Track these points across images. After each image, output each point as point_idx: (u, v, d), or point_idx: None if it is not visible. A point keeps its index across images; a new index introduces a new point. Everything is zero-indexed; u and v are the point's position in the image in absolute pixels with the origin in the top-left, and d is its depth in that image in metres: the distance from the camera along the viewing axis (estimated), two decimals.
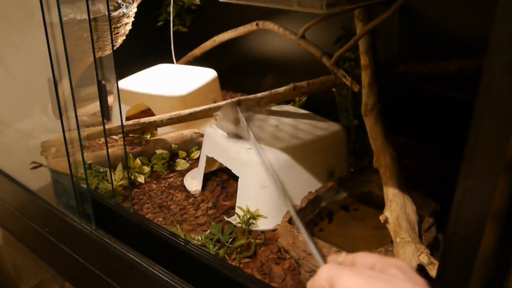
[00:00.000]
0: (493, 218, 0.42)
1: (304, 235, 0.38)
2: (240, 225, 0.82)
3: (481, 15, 0.85)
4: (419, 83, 0.93)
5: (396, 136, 1.09)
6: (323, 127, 0.92)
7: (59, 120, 0.77)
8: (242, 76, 1.43)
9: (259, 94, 1.04)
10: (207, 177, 0.97)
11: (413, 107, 1.06)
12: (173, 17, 1.37)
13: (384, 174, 0.72)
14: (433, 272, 0.57)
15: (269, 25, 1.08)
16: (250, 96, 1.05)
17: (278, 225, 0.80)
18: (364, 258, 0.32)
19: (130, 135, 1.13)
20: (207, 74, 1.27)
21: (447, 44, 0.96)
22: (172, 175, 1.02)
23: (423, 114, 1.06)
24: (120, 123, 1.02)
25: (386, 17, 0.76)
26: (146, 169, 1.01)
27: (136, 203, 0.93)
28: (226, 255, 0.76)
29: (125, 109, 1.19)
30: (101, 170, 0.96)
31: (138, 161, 1.00)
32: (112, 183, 0.87)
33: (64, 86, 0.78)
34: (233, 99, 1.05)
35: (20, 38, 0.99)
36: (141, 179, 0.98)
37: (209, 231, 0.82)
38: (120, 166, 0.97)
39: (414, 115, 1.07)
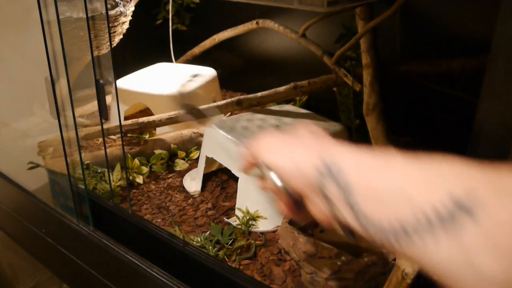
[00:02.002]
0: None
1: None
2: (240, 226, 0.81)
3: (484, 14, 0.84)
4: (421, 82, 0.92)
5: (398, 136, 1.08)
6: (324, 127, 0.91)
7: (57, 120, 0.77)
8: (242, 75, 1.42)
9: (259, 94, 1.03)
10: (207, 178, 0.96)
11: (415, 106, 1.05)
12: (172, 16, 1.36)
13: None
14: None
15: (269, 23, 1.07)
16: (250, 95, 1.04)
17: (278, 226, 0.80)
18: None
19: (129, 135, 1.12)
20: (207, 73, 1.26)
21: (449, 43, 0.95)
22: (171, 175, 1.01)
23: (425, 113, 1.05)
24: (118, 123, 1.01)
25: (388, 15, 0.75)
26: (145, 169, 1.00)
27: (135, 204, 0.92)
28: (225, 257, 0.75)
29: (123, 108, 1.18)
30: (99, 171, 0.95)
31: (136, 161, 0.99)
32: (110, 184, 0.86)
33: (62, 85, 0.77)
34: (232, 99, 1.05)
35: (16, 36, 0.98)
36: (139, 179, 0.97)
37: (208, 232, 0.81)
38: (118, 167, 0.96)
39: (417, 114, 1.06)
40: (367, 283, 0.64)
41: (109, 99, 1.20)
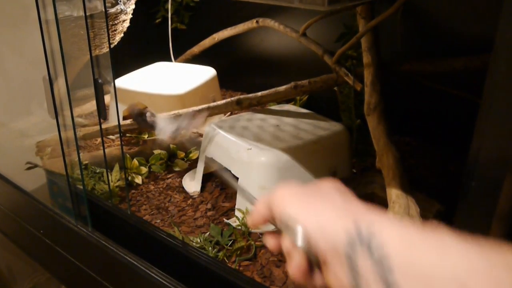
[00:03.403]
0: (498, 219, 0.41)
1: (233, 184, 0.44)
2: (239, 227, 0.81)
3: (486, 12, 0.84)
4: (423, 82, 0.92)
5: (399, 136, 1.07)
6: (325, 127, 0.91)
7: (55, 120, 0.76)
8: (242, 75, 1.41)
9: (259, 93, 1.02)
10: (206, 178, 0.96)
11: (417, 106, 1.04)
12: (171, 14, 1.35)
13: (387, 174, 0.70)
14: None
15: (269, 22, 1.06)
16: (250, 95, 1.03)
17: None
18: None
19: (127, 135, 1.11)
20: (206, 73, 1.26)
21: (451, 42, 0.95)
22: (170, 176, 1.01)
23: (427, 113, 1.04)
24: (117, 123, 1.01)
25: (389, 14, 0.74)
26: (144, 169, 0.99)
27: (134, 204, 0.91)
28: (225, 258, 0.75)
29: (122, 108, 1.18)
30: (98, 171, 0.95)
31: (135, 161, 0.99)
32: (109, 184, 0.85)
33: (60, 85, 0.77)
34: (232, 98, 1.04)
35: (15, 35, 0.97)
36: (138, 180, 0.96)
37: (208, 233, 0.80)
38: (117, 167, 0.95)
39: (418, 114, 1.05)
40: None
41: (107, 98, 1.19)
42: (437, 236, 0.22)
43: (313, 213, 0.27)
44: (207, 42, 1.31)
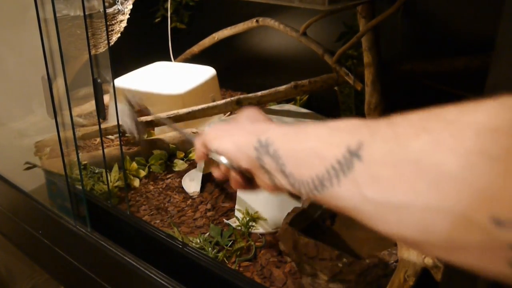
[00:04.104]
0: None
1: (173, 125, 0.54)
2: (239, 227, 0.80)
3: (488, 12, 0.83)
4: (424, 81, 0.91)
5: None
6: None
7: (53, 120, 0.76)
8: (242, 74, 1.41)
9: (259, 93, 1.02)
10: (206, 178, 0.95)
11: (418, 105, 1.04)
12: (171, 14, 1.35)
13: None
14: (438, 275, 0.56)
15: (269, 21, 1.06)
16: (250, 94, 1.03)
17: (279, 227, 0.79)
18: None
19: (127, 134, 1.11)
20: (206, 72, 1.25)
21: (452, 41, 0.94)
22: (169, 176, 1.00)
23: None
24: (116, 123, 1.00)
25: (389, 13, 0.74)
26: (142, 173, 0.99)
27: (133, 204, 0.91)
28: (225, 258, 0.75)
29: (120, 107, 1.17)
30: (97, 171, 0.94)
31: (134, 164, 0.98)
32: (108, 184, 0.85)
33: (59, 84, 0.76)
34: (232, 98, 1.03)
35: (13, 35, 0.97)
36: (136, 183, 0.96)
37: (207, 233, 0.80)
38: (116, 167, 0.95)
39: None
40: (368, 285, 0.63)
41: (106, 98, 1.19)
42: (303, 125, 0.31)
43: (230, 140, 0.37)
44: (207, 42, 1.31)
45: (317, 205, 0.78)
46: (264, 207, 0.81)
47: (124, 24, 1.06)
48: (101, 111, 0.79)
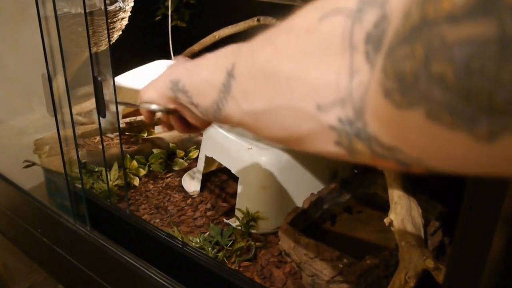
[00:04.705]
0: (503, 222, 0.40)
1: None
2: (239, 227, 0.80)
3: None
4: None
5: None
6: None
7: (53, 117, 0.76)
8: None
9: None
10: (206, 178, 0.95)
11: None
12: (171, 12, 1.34)
13: (389, 175, 0.70)
14: (439, 277, 0.56)
15: (270, 20, 1.05)
16: None
17: (279, 227, 0.78)
18: None
19: (126, 133, 1.10)
20: None
21: None
22: (169, 175, 1.00)
23: None
24: (116, 121, 1.00)
25: None
26: (142, 171, 0.98)
27: (132, 203, 0.90)
28: (225, 258, 0.74)
29: (121, 106, 1.17)
30: (96, 170, 0.94)
31: (134, 162, 0.98)
32: (107, 183, 0.84)
33: (59, 82, 0.76)
34: None
35: (13, 32, 0.96)
36: (136, 182, 0.95)
37: (207, 233, 0.80)
38: (115, 166, 0.94)
39: None
40: (369, 286, 0.63)
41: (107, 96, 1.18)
42: (201, 58, 0.36)
43: (153, 88, 0.44)
44: (207, 40, 1.30)
45: (317, 206, 0.77)
46: (264, 207, 0.81)
47: (125, 21, 1.06)
48: (101, 109, 0.79)
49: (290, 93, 0.24)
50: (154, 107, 0.44)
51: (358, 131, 0.21)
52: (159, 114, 0.47)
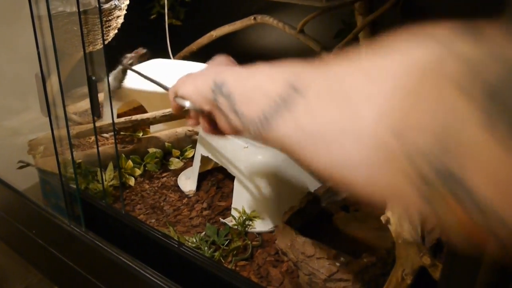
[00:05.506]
0: None
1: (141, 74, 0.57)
2: (236, 226, 0.80)
3: (488, 8, 0.83)
4: None
5: None
6: None
7: (47, 118, 0.75)
8: None
9: None
10: (202, 177, 0.94)
11: None
12: (167, 10, 1.34)
13: None
14: (435, 274, 0.56)
15: (267, 19, 1.05)
16: None
17: (276, 226, 0.78)
18: None
19: (122, 133, 1.10)
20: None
21: None
22: (165, 174, 0.99)
23: None
24: (111, 121, 0.99)
25: (386, 9, 0.73)
26: (138, 171, 0.98)
27: (128, 203, 0.90)
28: (221, 258, 0.74)
29: (116, 106, 1.16)
30: (91, 170, 0.93)
31: (130, 162, 0.97)
32: (102, 183, 0.84)
33: (53, 82, 0.75)
34: None
35: (6, 31, 0.95)
36: (131, 182, 0.95)
37: (204, 233, 0.79)
38: (111, 166, 0.93)
39: None
40: (366, 284, 0.63)
41: (101, 96, 1.18)
42: (253, 67, 0.33)
43: (192, 84, 0.40)
44: (205, 39, 1.30)
45: (314, 205, 0.77)
46: (261, 206, 0.80)
47: (121, 20, 1.05)
48: (95, 109, 0.79)
49: (371, 119, 0.22)
50: (187, 104, 0.41)
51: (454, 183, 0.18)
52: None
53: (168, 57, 1.39)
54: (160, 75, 1.26)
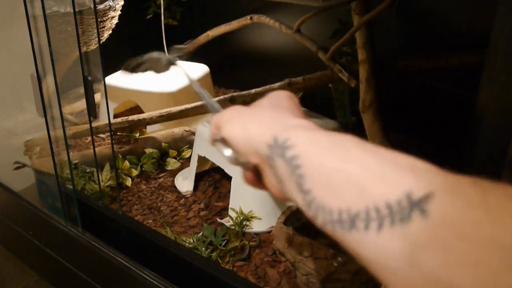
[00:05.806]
0: None
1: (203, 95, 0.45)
2: (233, 227, 0.79)
3: (483, 7, 0.83)
4: (419, 79, 0.91)
5: (395, 134, 1.06)
6: (319, 125, 0.89)
7: (43, 118, 0.75)
8: (235, 72, 1.40)
9: (252, 90, 1.01)
10: (199, 177, 0.94)
11: (413, 103, 1.04)
12: (163, 10, 1.33)
13: None
14: None
15: (263, 18, 1.05)
16: (244, 92, 1.02)
17: (273, 226, 0.78)
18: None
19: (118, 133, 1.09)
20: (199, 70, 1.24)
21: (447, 38, 0.94)
22: (162, 175, 0.99)
23: (423, 110, 1.03)
24: (107, 121, 0.99)
25: (382, 8, 0.73)
26: (135, 172, 0.97)
27: (125, 204, 0.89)
28: (219, 258, 0.74)
29: (112, 106, 1.16)
30: (88, 170, 0.93)
31: (126, 163, 0.97)
32: (99, 184, 0.83)
33: (49, 82, 0.75)
34: (225, 95, 1.02)
35: (1, 31, 0.95)
36: (128, 182, 0.94)
37: (201, 233, 0.79)
38: (107, 166, 0.93)
39: (414, 111, 1.05)
40: (364, 284, 0.63)
41: (98, 96, 1.17)
42: (342, 138, 0.25)
43: (241, 127, 0.31)
44: (201, 39, 1.29)
45: None
46: (258, 206, 0.80)
47: (115, 20, 1.05)
48: (91, 110, 0.78)
49: None
50: (227, 154, 0.32)
51: None
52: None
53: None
54: (153, 75, 1.25)
